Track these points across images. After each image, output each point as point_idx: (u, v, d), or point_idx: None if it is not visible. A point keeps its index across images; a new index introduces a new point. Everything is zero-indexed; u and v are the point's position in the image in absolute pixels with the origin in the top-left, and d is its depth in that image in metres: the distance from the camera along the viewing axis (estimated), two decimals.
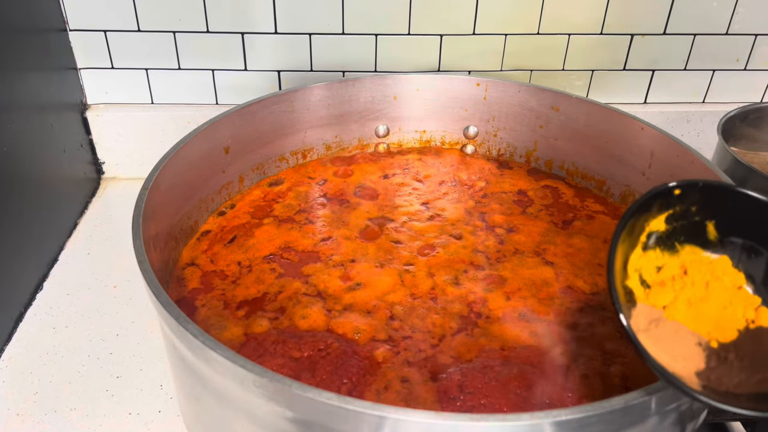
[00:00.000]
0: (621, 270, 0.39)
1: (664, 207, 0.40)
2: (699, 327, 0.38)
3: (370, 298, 0.55)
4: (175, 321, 0.40)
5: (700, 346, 0.38)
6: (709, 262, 0.40)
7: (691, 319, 0.39)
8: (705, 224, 0.40)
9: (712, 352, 0.38)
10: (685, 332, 0.38)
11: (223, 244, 0.61)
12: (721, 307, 0.39)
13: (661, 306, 0.39)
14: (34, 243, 0.71)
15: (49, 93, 0.77)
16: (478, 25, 0.81)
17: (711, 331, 0.38)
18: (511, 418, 0.34)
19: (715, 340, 0.39)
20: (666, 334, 0.38)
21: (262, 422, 0.40)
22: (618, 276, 0.39)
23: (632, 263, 0.40)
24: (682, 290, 0.39)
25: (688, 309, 0.39)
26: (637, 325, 0.38)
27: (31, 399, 0.58)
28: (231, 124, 0.65)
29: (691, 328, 0.38)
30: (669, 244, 0.40)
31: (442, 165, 0.75)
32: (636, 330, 0.37)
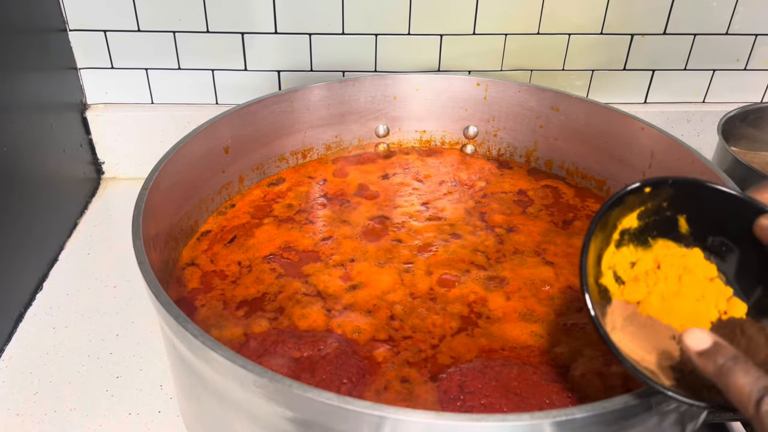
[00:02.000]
0: (594, 268, 0.39)
1: (636, 204, 0.40)
2: (673, 320, 0.39)
3: (370, 298, 0.55)
4: (175, 321, 0.40)
5: (674, 339, 0.38)
6: (682, 255, 0.40)
7: (664, 313, 0.39)
8: (677, 218, 0.40)
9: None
10: (660, 326, 0.39)
11: (223, 244, 0.61)
12: (693, 300, 0.39)
13: (635, 301, 0.39)
14: (34, 243, 0.71)
15: (49, 93, 0.77)
16: (478, 25, 0.81)
17: (684, 324, 0.38)
18: (511, 418, 0.34)
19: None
20: (641, 329, 0.39)
21: (262, 422, 0.40)
22: (591, 274, 0.39)
23: (606, 261, 0.40)
24: (656, 285, 0.39)
25: (661, 303, 0.39)
26: (613, 323, 0.38)
27: (31, 399, 0.58)
28: (231, 124, 0.65)
29: (665, 322, 0.39)
30: (642, 239, 0.40)
31: (442, 165, 0.75)
32: (611, 328, 0.38)
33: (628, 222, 0.40)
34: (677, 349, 0.37)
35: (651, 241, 0.41)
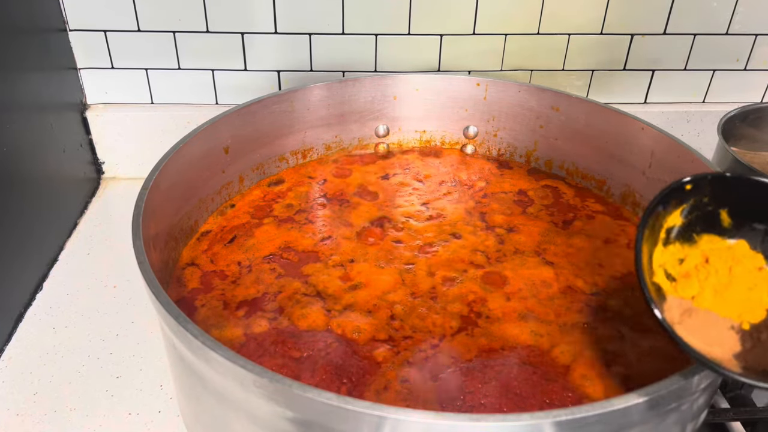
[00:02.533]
0: (647, 267, 0.41)
1: (678, 203, 0.41)
2: (729, 311, 0.40)
3: (371, 298, 0.55)
4: (175, 321, 0.40)
5: (733, 329, 0.39)
6: (728, 247, 0.41)
7: (719, 305, 0.40)
8: (718, 213, 0.42)
9: (745, 334, 0.40)
10: (717, 318, 0.40)
11: (223, 244, 0.61)
12: (746, 290, 0.40)
13: (689, 296, 0.41)
14: (34, 243, 0.71)
15: (49, 93, 0.77)
16: (478, 25, 0.81)
17: (741, 314, 0.40)
18: (511, 418, 0.34)
19: (746, 321, 0.40)
20: (699, 322, 0.40)
21: (262, 422, 0.40)
22: (646, 273, 0.40)
23: (656, 260, 0.41)
24: (707, 279, 0.41)
25: (715, 296, 0.40)
26: (672, 318, 0.40)
27: (31, 399, 0.58)
28: (231, 124, 0.65)
29: (721, 314, 0.40)
30: (687, 236, 0.42)
31: (442, 165, 0.75)
32: (671, 323, 0.39)
33: (672, 220, 0.42)
34: (738, 339, 0.39)
35: (696, 237, 0.42)
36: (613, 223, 0.66)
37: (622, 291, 0.57)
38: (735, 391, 0.59)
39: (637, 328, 0.52)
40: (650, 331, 0.52)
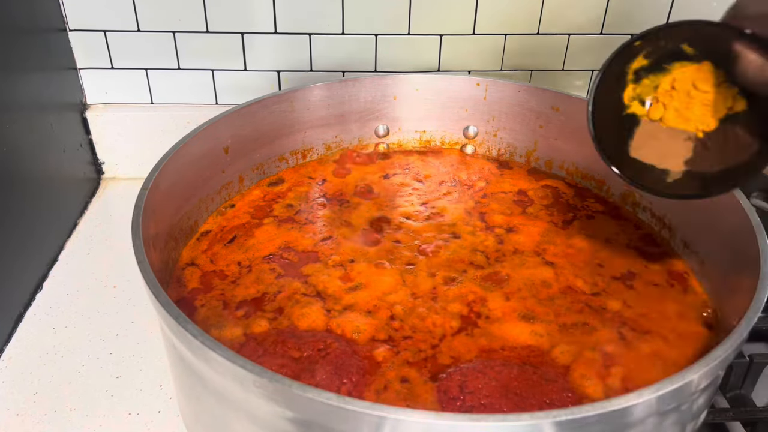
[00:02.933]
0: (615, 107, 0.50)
1: (636, 53, 0.49)
2: (687, 125, 0.49)
3: (370, 298, 0.55)
4: (175, 321, 0.40)
5: (690, 139, 0.49)
6: (696, 69, 0.48)
7: (681, 121, 0.49)
8: (680, 47, 0.48)
9: (698, 141, 0.49)
10: (677, 133, 0.49)
11: (223, 244, 0.61)
12: (702, 105, 0.48)
13: (657, 119, 0.50)
14: (34, 243, 0.71)
15: (49, 93, 0.77)
16: (478, 25, 0.81)
17: (697, 126, 0.48)
18: (511, 418, 0.34)
19: (700, 131, 0.49)
20: (662, 140, 0.50)
21: (262, 422, 0.40)
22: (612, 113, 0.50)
23: (627, 97, 0.50)
24: (671, 101, 0.49)
25: (677, 115, 0.49)
26: (639, 143, 0.50)
27: (31, 399, 0.58)
28: (231, 124, 0.65)
29: (680, 128, 0.49)
30: (658, 68, 0.49)
31: (442, 165, 0.75)
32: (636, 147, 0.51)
33: (637, 63, 0.49)
34: (691, 147, 0.49)
35: (667, 67, 0.49)
36: (613, 223, 0.66)
37: (622, 291, 0.57)
38: (735, 391, 0.59)
39: (637, 329, 0.52)
40: (650, 332, 0.52)
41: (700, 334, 0.52)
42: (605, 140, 0.51)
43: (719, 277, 0.55)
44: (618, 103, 0.51)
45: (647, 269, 0.59)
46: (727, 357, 0.40)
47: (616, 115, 0.51)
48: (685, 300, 0.56)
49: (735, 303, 0.50)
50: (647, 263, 0.60)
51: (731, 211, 0.54)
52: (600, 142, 0.51)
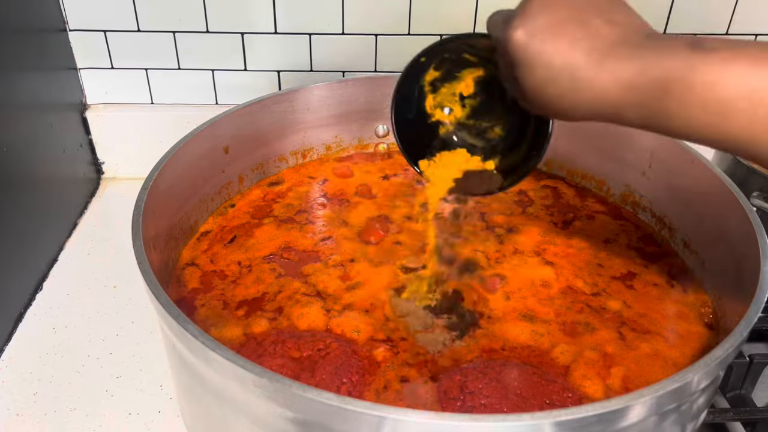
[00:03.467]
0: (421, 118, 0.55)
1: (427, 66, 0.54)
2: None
3: (369, 298, 0.55)
4: (175, 321, 0.40)
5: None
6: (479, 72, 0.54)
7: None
8: (462, 56, 0.53)
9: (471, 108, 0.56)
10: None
11: (223, 244, 0.61)
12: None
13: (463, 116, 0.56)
14: (34, 243, 0.71)
15: (49, 93, 0.77)
16: (478, 25, 0.81)
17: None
18: (512, 419, 0.34)
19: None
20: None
21: (262, 422, 0.40)
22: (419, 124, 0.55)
23: (429, 105, 0.55)
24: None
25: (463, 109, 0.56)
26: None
27: (31, 399, 0.58)
28: (231, 124, 0.65)
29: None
30: (450, 77, 0.54)
31: None
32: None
33: (430, 76, 0.54)
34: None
35: (458, 75, 0.54)
36: (613, 223, 0.66)
37: (622, 291, 0.57)
38: (735, 391, 0.59)
39: (637, 329, 0.52)
40: (650, 332, 0.52)
41: (700, 334, 0.52)
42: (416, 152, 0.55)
43: (719, 277, 0.55)
44: (423, 113, 0.55)
45: (647, 269, 0.59)
46: (727, 357, 0.40)
47: (425, 124, 0.55)
48: (685, 300, 0.56)
49: (735, 303, 0.50)
50: (647, 263, 0.60)
51: (731, 211, 0.54)
52: (411, 154, 0.55)
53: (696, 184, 0.59)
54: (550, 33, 0.40)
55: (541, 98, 0.42)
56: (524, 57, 0.41)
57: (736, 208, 0.53)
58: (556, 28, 0.40)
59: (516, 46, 0.41)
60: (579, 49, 0.39)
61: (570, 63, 0.39)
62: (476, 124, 0.56)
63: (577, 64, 0.39)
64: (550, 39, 0.40)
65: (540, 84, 0.41)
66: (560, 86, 0.40)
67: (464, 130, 0.56)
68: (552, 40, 0.40)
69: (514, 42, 0.41)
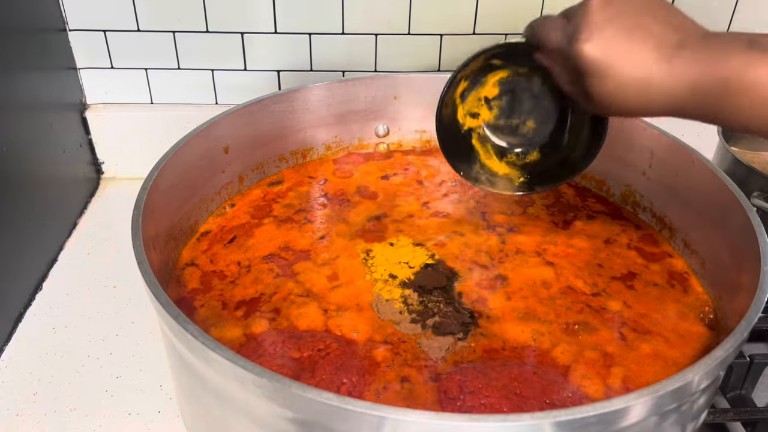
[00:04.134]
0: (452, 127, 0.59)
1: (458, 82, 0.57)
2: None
3: (369, 298, 0.55)
4: (175, 321, 0.40)
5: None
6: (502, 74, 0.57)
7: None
8: (491, 63, 0.56)
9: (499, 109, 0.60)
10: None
11: (222, 244, 0.61)
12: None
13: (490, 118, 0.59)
14: (34, 243, 0.71)
15: (49, 93, 0.77)
16: (478, 24, 0.81)
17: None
18: (512, 419, 0.34)
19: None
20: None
21: (262, 422, 0.40)
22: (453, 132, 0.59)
23: (460, 114, 0.59)
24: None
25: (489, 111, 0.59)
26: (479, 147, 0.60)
27: (31, 399, 0.58)
28: (231, 124, 0.65)
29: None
30: (476, 81, 0.57)
31: (443, 165, 0.75)
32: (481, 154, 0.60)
33: (460, 89, 0.57)
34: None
35: (483, 80, 0.57)
36: (613, 223, 0.66)
37: (622, 291, 0.57)
38: (735, 392, 0.59)
39: (637, 329, 0.52)
40: (650, 332, 0.52)
41: (700, 334, 0.52)
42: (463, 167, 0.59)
43: (719, 277, 0.55)
44: (457, 126, 0.59)
45: (647, 269, 0.59)
46: (728, 357, 0.40)
47: (461, 136, 0.59)
48: (686, 300, 0.56)
49: (735, 303, 0.50)
50: (647, 263, 0.60)
51: (731, 211, 0.54)
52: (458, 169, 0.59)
53: (696, 184, 0.59)
54: (618, 43, 0.42)
55: (611, 103, 0.44)
56: (595, 68, 0.43)
57: (736, 208, 0.53)
58: (624, 38, 0.42)
59: (586, 58, 0.43)
60: (647, 56, 0.41)
61: (641, 69, 0.42)
62: (507, 123, 0.59)
63: (648, 70, 0.41)
64: (620, 49, 0.42)
65: (612, 91, 0.43)
66: (632, 91, 0.42)
67: (497, 132, 0.59)
68: (621, 49, 0.42)
69: (585, 54, 0.43)
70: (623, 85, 0.42)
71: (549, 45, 0.48)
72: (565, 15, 0.47)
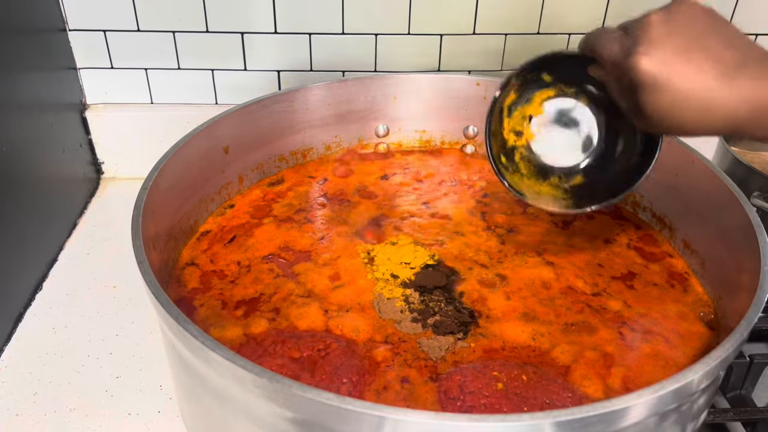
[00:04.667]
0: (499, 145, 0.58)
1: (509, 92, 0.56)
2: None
3: (370, 297, 0.55)
4: (175, 321, 0.40)
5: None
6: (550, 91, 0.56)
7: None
8: (541, 77, 0.56)
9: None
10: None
11: (222, 244, 0.61)
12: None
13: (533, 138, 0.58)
14: (34, 243, 0.71)
15: (49, 93, 0.77)
16: (478, 24, 0.81)
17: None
18: (512, 419, 0.34)
19: None
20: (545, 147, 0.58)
21: (262, 422, 0.40)
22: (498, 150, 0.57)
23: (506, 130, 0.58)
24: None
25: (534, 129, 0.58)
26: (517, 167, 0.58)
27: (31, 399, 0.58)
28: (231, 124, 0.65)
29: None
30: (524, 99, 0.57)
31: (442, 165, 0.75)
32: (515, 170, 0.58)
33: (509, 99, 0.57)
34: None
35: (530, 97, 0.57)
36: (613, 223, 0.66)
37: (622, 291, 0.57)
38: (735, 392, 0.59)
39: (637, 329, 0.52)
40: (651, 332, 0.52)
41: (700, 334, 0.52)
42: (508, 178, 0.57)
43: (719, 277, 0.55)
44: (503, 138, 0.58)
45: (647, 269, 0.59)
46: (728, 357, 0.40)
47: (506, 149, 0.58)
48: (686, 300, 0.56)
49: (735, 303, 0.50)
50: (647, 263, 0.60)
51: (731, 211, 0.54)
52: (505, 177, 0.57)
53: (696, 184, 0.59)
54: (678, 59, 0.42)
55: (667, 119, 0.43)
56: (652, 82, 0.42)
57: (736, 208, 0.53)
58: (684, 55, 0.42)
59: (643, 72, 0.42)
60: (707, 74, 0.41)
61: (699, 87, 0.41)
62: (551, 144, 0.57)
63: (709, 88, 0.41)
64: (679, 65, 0.42)
65: (668, 107, 0.42)
66: (690, 109, 0.42)
67: (540, 152, 0.58)
68: (680, 66, 0.42)
69: (642, 67, 0.42)
70: (680, 101, 0.42)
71: (605, 57, 0.47)
72: (624, 28, 0.46)
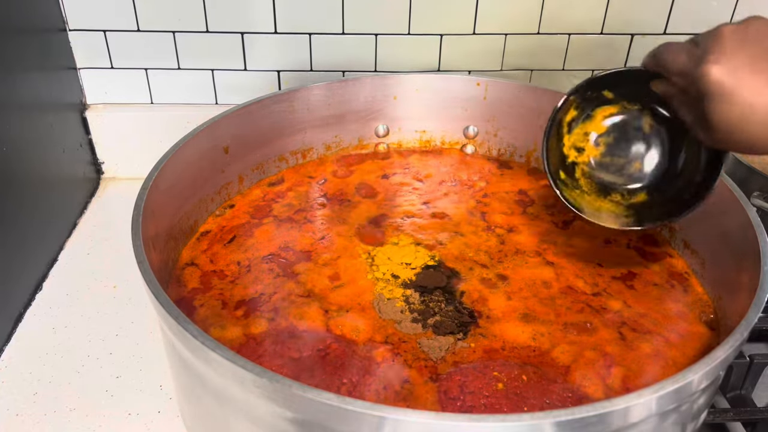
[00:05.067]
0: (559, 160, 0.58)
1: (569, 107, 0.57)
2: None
3: (370, 297, 0.55)
4: (175, 321, 0.40)
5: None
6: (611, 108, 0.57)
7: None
8: (602, 94, 0.57)
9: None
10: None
11: (222, 244, 0.61)
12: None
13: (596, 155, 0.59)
14: (34, 243, 0.71)
15: (49, 93, 0.77)
16: (478, 24, 0.81)
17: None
18: (512, 419, 0.34)
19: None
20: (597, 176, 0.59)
21: (262, 422, 0.40)
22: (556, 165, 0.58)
23: (566, 146, 0.58)
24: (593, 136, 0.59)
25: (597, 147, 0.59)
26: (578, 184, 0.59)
27: (31, 399, 0.58)
28: (231, 124, 0.65)
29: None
30: (585, 116, 0.58)
31: (442, 165, 0.75)
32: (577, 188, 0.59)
33: (569, 116, 0.58)
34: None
35: (591, 114, 0.57)
36: None
37: (622, 291, 0.57)
38: (735, 392, 0.59)
39: (637, 329, 0.52)
40: (651, 332, 0.52)
41: (700, 334, 0.52)
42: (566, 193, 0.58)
43: (719, 277, 0.55)
44: (562, 154, 0.58)
45: (647, 269, 0.59)
46: (728, 357, 0.40)
47: (565, 165, 0.59)
48: (686, 300, 0.56)
49: (735, 303, 0.50)
50: (647, 263, 0.60)
51: (731, 211, 0.54)
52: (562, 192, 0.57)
53: None
54: (747, 70, 0.41)
55: (734, 131, 0.42)
56: (721, 93, 0.42)
57: (736, 208, 0.53)
58: (755, 65, 0.41)
59: (713, 80, 0.42)
60: None
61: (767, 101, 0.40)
62: (613, 162, 0.58)
63: None
64: (750, 76, 0.41)
65: (737, 119, 0.42)
66: (756, 123, 0.41)
67: (602, 169, 0.58)
68: (749, 77, 0.41)
69: (712, 76, 0.42)
70: (750, 114, 0.41)
71: (673, 67, 0.46)
72: (694, 41, 0.45)
